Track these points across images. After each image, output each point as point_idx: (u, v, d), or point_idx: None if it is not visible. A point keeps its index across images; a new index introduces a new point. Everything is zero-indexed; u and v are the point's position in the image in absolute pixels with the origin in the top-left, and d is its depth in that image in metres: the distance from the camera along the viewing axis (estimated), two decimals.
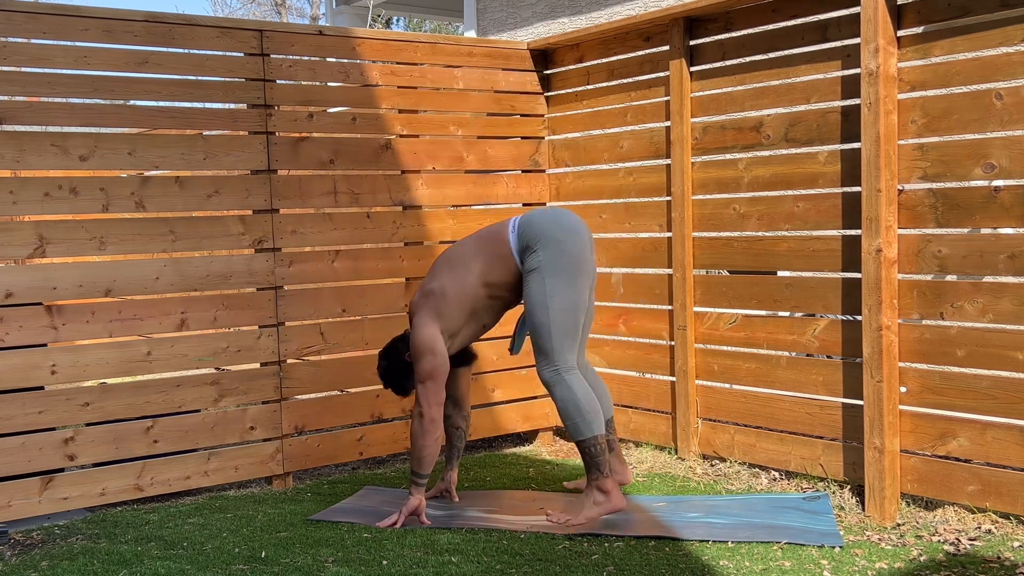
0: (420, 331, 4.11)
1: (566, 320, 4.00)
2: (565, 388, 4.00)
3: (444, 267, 4.24)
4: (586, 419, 4.00)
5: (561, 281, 3.99)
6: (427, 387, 4.06)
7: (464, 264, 4.17)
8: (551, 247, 4.01)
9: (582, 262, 4.05)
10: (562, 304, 3.99)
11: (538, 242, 4.02)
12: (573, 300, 4.02)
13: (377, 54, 5.05)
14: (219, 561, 3.62)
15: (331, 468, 5.20)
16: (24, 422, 4.18)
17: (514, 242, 4.10)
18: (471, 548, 3.70)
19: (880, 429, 4.02)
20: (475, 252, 4.19)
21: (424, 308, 4.15)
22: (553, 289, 3.98)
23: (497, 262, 4.13)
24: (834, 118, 4.26)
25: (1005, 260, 3.73)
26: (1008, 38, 3.73)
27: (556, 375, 4.02)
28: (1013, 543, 3.57)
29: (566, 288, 4.00)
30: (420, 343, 4.09)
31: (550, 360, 4.02)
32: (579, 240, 4.06)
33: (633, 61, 5.16)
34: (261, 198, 4.69)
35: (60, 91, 4.28)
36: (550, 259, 3.99)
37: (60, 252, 4.24)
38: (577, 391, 4.00)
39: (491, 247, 4.15)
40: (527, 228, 4.08)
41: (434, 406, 4.06)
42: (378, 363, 4.35)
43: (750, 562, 3.52)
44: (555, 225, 4.05)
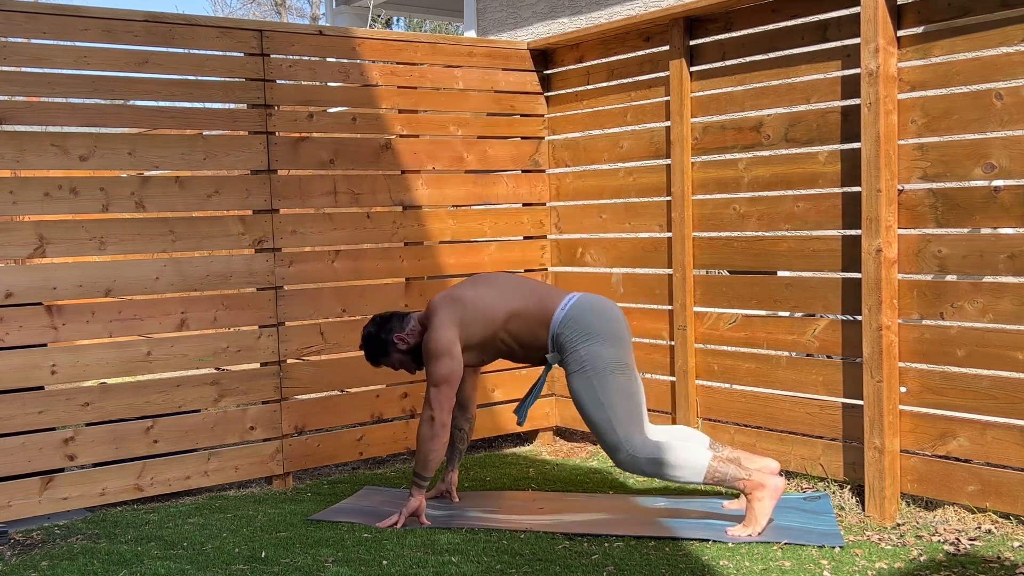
0: (441, 332, 4.02)
1: (625, 407, 3.88)
2: (648, 464, 3.85)
3: (485, 283, 4.18)
4: (687, 467, 3.81)
5: (612, 379, 3.89)
6: (441, 391, 4.01)
7: (506, 294, 4.10)
8: (599, 344, 3.91)
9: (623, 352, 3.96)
10: (620, 398, 3.88)
11: (584, 336, 3.92)
12: (627, 389, 3.91)
13: (377, 54, 5.05)
14: (219, 561, 3.62)
15: (331, 468, 5.20)
16: (24, 422, 4.18)
17: (556, 320, 3.99)
18: (471, 548, 3.70)
19: (880, 429, 4.02)
20: (522, 295, 4.11)
21: (448, 310, 4.06)
22: (603, 386, 3.88)
23: (532, 322, 4.04)
24: (834, 118, 4.26)
25: (1005, 260, 3.73)
26: (1008, 38, 3.73)
27: (634, 461, 3.86)
28: (1013, 543, 3.57)
29: (618, 382, 3.90)
30: (440, 345, 4.00)
31: (623, 451, 3.87)
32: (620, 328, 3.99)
33: (633, 61, 5.16)
34: (261, 198, 4.69)
35: (60, 91, 4.28)
36: (594, 356, 3.89)
37: (60, 252, 4.24)
38: (659, 456, 3.83)
39: (536, 305, 4.06)
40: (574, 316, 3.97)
41: (446, 411, 4.02)
42: (367, 325, 4.26)
43: (750, 562, 3.52)
44: (601, 320, 3.96)
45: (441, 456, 4.07)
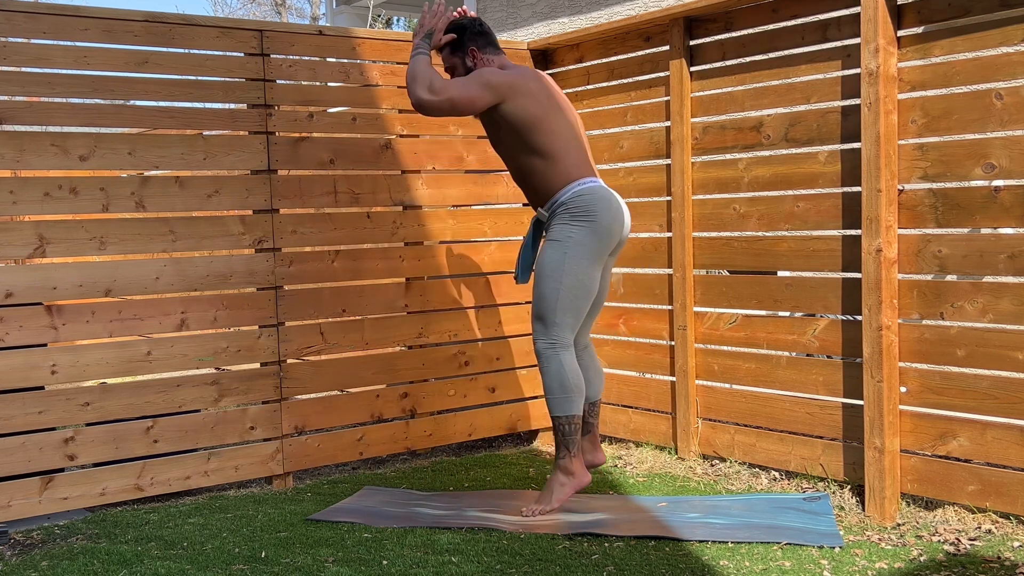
0: (498, 76, 4.06)
1: (575, 300, 4.02)
2: (556, 363, 4.03)
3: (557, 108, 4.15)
4: (568, 396, 4.03)
5: (582, 263, 4.00)
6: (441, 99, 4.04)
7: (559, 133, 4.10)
8: (588, 228, 4.00)
9: (603, 255, 4.07)
10: (575, 284, 4.01)
11: (585, 215, 4.00)
12: (587, 284, 4.04)
13: (377, 54, 5.05)
14: (219, 561, 3.62)
15: (331, 468, 5.20)
16: (24, 422, 4.18)
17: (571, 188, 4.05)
18: (471, 548, 3.70)
19: (880, 429, 4.02)
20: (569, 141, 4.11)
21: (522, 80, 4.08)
22: (571, 268, 3.99)
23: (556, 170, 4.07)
24: (834, 118, 4.26)
25: (1005, 260, 3.74)
26: (1008, 38, 3.73)
27: (551, 349, 4.04)
28: (1013, 543, 3.57)
29: (584, 271, 4.01)
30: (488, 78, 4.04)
31: (548, 332, 4.04)
32: (617, 228, 4.08)
33: (633, 61, 5.16)
34: (261, 198, 4.69)
35: (60, 91, 4.28)
36: (580, 238, 4.00)
37: (60, 252, 4.24)
38: (567, 368, 4.03)
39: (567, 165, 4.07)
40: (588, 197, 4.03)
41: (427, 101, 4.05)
42: (468, 18, 4.28)
43: (750, 562, 3.52)
44: (608, 215, 4.04)
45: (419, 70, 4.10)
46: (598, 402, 4.40)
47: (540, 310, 4.07)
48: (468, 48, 4.23)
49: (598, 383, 4.41)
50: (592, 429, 4.40)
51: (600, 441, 4.56)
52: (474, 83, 4.07)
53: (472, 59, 4.23)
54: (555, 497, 4.09)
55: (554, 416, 4.08)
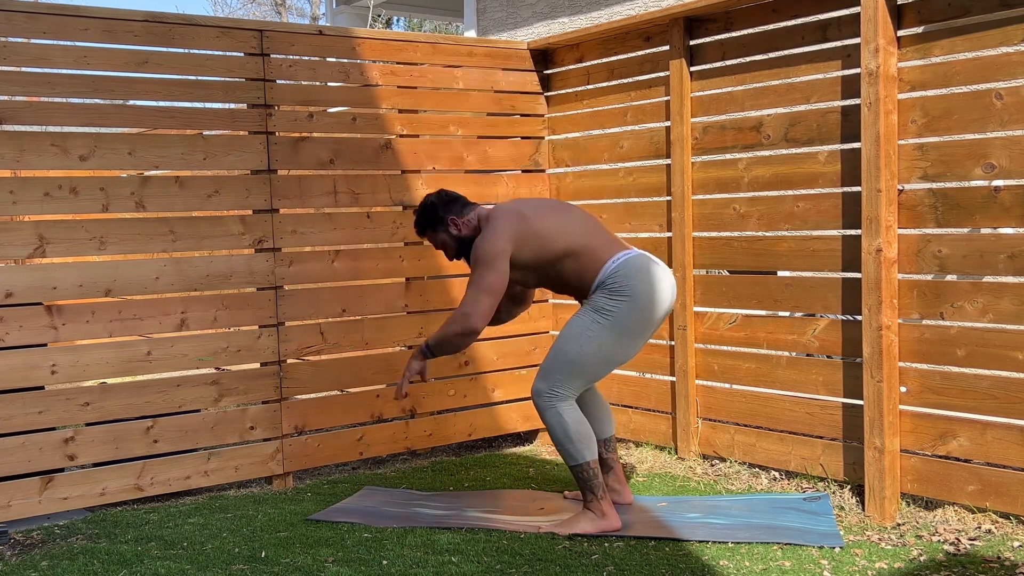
0: (496, 240, 3.92)
1: (590, 368, 3.91)
2: (555, 415, 3.91)
3: (554, 210, 4.10)
4: (576, 445, 3.90)
5: (611, 338, 3.88)
6: (481, 299, 3.90)
7: (570, 229, 4.01)
8: (629, 306, 3.87)
9: (645, 329, 3.94)
10: (598, 355, 3.89)
11: (622, 291, 3.88)
12: (611, 357, 3.92)
13: (377, 54, 5.05)
14: (219, 561, 3.62)
15: (331, 468, 5.20)
16: (24, 422, 4.18)
17: (608, 269, 3.93)
18: (471, 548, 3.70)
19: (880, 429, 4.02)
20: (584, 231, 4.02)
21: (510, 222, 3.98)
22: (599, 338, 3.87)
23: (585, 262, 3.98)
24: (834, 118, 4.26)
25: (1005, 260, 3.74)
26: (1008, 38, 3.73)
27: (548, 402, 3.92)
28: (1013, 543, 3.57)
29: (612, 344, 3.89)
30: (491, 253, 3.91)
31: (550, 387, 3.92)
32: (660, 308, 3.94)
33: (633, 61, 5.16)
34: (261, 198, 4.69)
35: (60, 91, 4.28)
36: (619, 314, 3.87)
37: (60, 252, 4.24)
38: (567, 418, 3.90)
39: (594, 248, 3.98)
40: (624, 271, 3.91)
41: (481, 318, 3.91)
42: (431, 194, 4.19)
43: (750, 562, 3.52)
44: (648, 287, 3.90)
45: (457, 350, 4.03)
46: (612, 438, 4.27)
47: (550, 365, 3.93)
48: (447, 220, 4.12)
49: (607, 420, 4.27)
50: (613, 465, 4.26)
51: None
52: (486, 269, 3.92)
53: (455, 227, 4.12)
54: (579, 527, 3.91)
55: (570, 466, 3.95)
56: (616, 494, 4.23)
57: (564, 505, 4.29)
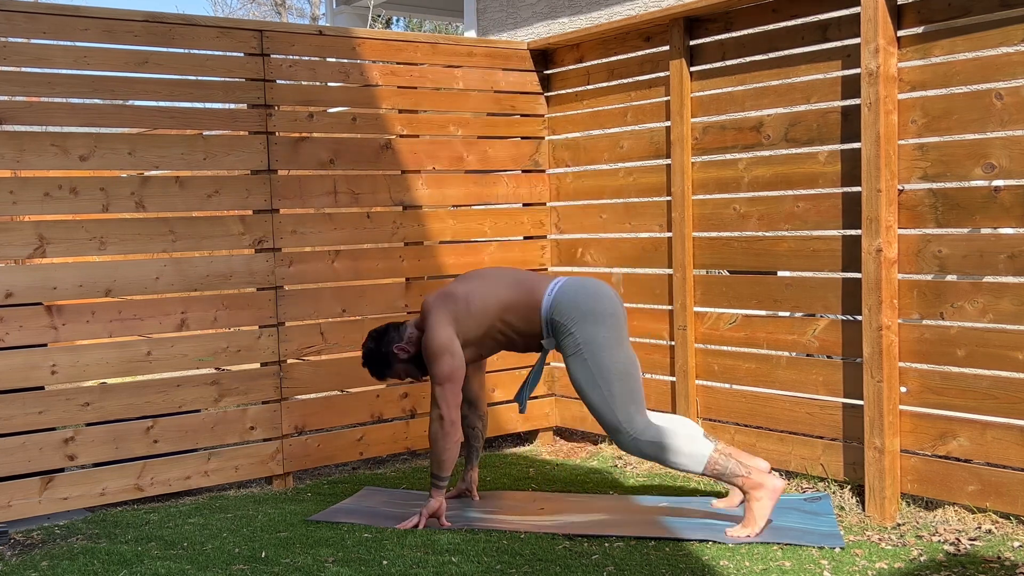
0: (438, 332, 4.03)
1: (624, 388, 3.88)
2: (650, 447, 3.84)
3: (475, 279, 4.19)
4: (688, 454, 3.81)
5: (606, 356, 3.89)
6: (446, 389, 4.01)
7: (496, 288, 4.11)
8: (587, 322, 3.91)
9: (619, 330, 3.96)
10: (616, 378, 3.88)
11: (575, 318, 3.92)
12: (624, 364, 3.91)
13: (377, 54, 5.05)
14: (219, 561, 3.62)
15: (331, 468, 5.20)
16: (24, 422, 4.18)
17: (546, 306, 4.00)
18: (471, 548, 3.70)
19: (880, 429, 4.02)
20: (509, 284, 4.12)
21: (442, 309, 4.08)
22: (601, 367, 3.88)
23: (524, 310, 4.05)
24: (834, 118, 4.26)
25: (1005, 260, 3.74)
26: (1008, 38, 3.73)
27: (636, 444, 3.86)
28: (1013, 543, 3.57)
29: (613, 361, 3.89)
30: (438, 344, 4.01)
31: (624, 433, 3.87)
32: (612, 304, 3.98)
33: (633, 61, 5.16)
34: (261, 198, 4.69)
35: (60, 91, 4.28)
36: (587, 337, 3.90)
37: (60, 252, 4.24)
38: (662, 440, 3.82)
39: (525, 293, 4.07)
40: (562, 302, 3.97)
41: (453, 408, 4.02)
42: (365, 342, 4.27)
43: (750, 562, 3.52)
44: (589, 299, 3.96)
45: (455, 455, 4.06)
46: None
47: (604, 420, 3.90)
48: (391, 352, 4.18)
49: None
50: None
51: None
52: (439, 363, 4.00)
53: (404, 352, 4.18)
54: (758, 517, 3.78)
55: (703, 473, 3.84)
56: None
57: (565, 505, 4.29)
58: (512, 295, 4.08)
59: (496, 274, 4.23)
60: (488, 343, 4.16)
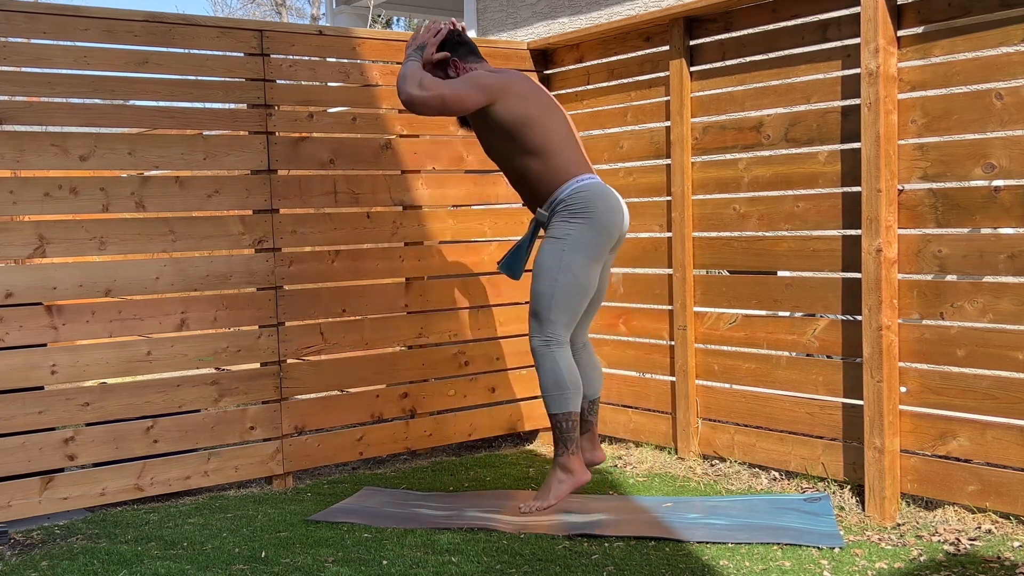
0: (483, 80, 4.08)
1: (571, 298, 4.02)
2: (551, 360, 4.04)
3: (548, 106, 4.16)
4: (564, 394, 4.03)
5: (578, 260, 3.99)
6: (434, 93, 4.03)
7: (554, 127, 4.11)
8: (587, 224, 3.99)
9: (602, 253, 4.07)
10: (572, 282, 4.00)
11: (582, 212, 4.00)
12: (584, 282, 4.03)
13: (377, 54, 5.05)
14: (219, 561, 3.63)
15: (331, 468, 5.20)
16: (24, 422, 4.18)
17: (569, 185, 4.05)
18: (471, 548, 3.70)
19: (880, 429, 4.02)
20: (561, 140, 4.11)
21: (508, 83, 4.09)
22: (568, 265, 3.98)
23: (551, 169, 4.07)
24: (834, 118, 4.26)
25: (1005, 260, 3.74)
26: (1008, 38, 3.73)
27: (546, 347, 4.05)
28: (1013, 543, 3.57)
29: (582, 268, 4.01)
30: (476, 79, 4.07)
31: (543, 330, 4.05)
32: (616, 231, 4.07)
33: (633, 61, 5.16)
34: (261, 198, 4.69)
35: (60, 91, 4.28)
36: (579, 235, 3.99)
37: (60, 252, 4.24)
38: (562, 365, 4.04)
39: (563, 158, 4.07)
40: (586, 193, 4.02)
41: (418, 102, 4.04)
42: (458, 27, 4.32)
43: (750, 562, 3.52)
44: (607, 211, 4.04)
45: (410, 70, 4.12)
46: (597, 400, 4.41)
47: (536, 307, 4.07)
48: (450, 60, 4.25)
49: (598, 381, 4.41)
50: (591, 427, 4.41)
51: (599, 440, 4.56)
52: (465, 83, 4.10)
53: (454, 69, 4.25)
54: (552, 494, 4.09)
55: (551, 414, 4.08)
56: (588, 452, 4.40)
57: (565, 505, 4.28)
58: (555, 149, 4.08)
59: (564, 121, 4.20)
60: (498, 152, 4.18)
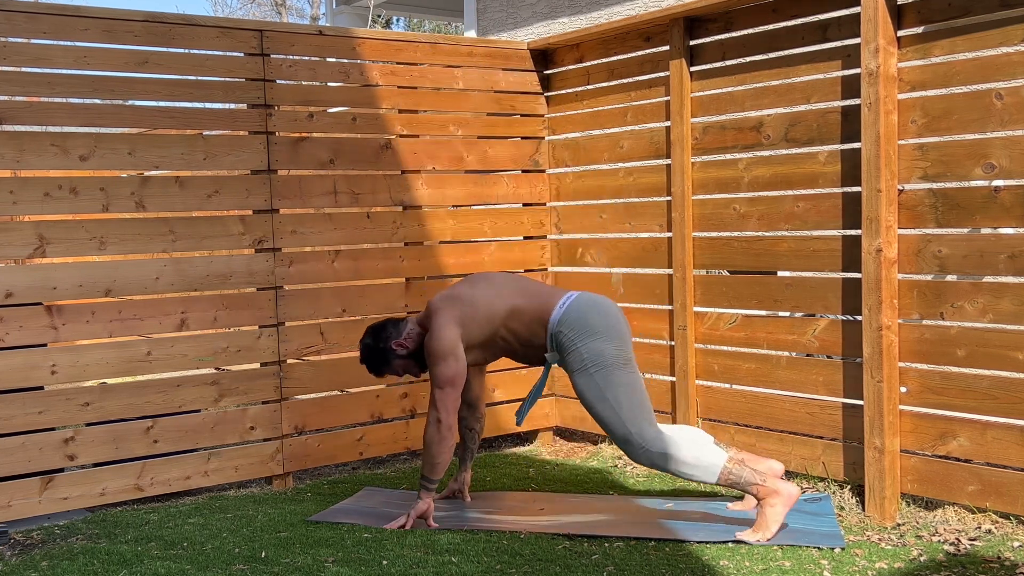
0: (443, 333, 4.01)
1: (631, 399, 3.87)
2: (661, 458, 3.82)
3: (483, 282, 4.18)
4: (701, 466, 3.79)
5: (617, 373, 3.88)
6: (446, 393, 3.99)
7: (504, 292, 4.10)
8: (595, 338, 3.90)
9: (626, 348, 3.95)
10: (625, 392, 3.87)
11: (583, 333, 3.91)
12: (630, 378, 3.90)
13: (377, 54, 5.05)
14: (219, 561, 3.62)
15: (331, 468, 5.20)
16: (24, 422, 4.18)
17: (554, 319, 3.98)
18: (471, 548, 3.70)
19: (880, 429, 4.02)
20: (519, 292, 4.11)
21: (448, 311, 4.05)
22: (608, 381, 3.87)
23: (531, 320, 4.04)
24: (834, 118, 4.26)
25: (1005, 260, 3.73)
26: (1008, 38, 3.73)
27: (647, 455, 3.84)
28: (1013, 543, 3.57)
29: (623, 377, 3.88)
30: (443, 346, 3.99)
31: (634, 445, 3.85)
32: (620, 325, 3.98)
33: (633, 61, 5.16)
34: (261, 198, 4.69)
35: (60, 91, 4.28)
36: (595, 351, 3.89)
37: (60, 252, 4.24)
38: (672, 451, 3.80)
39: (534, 303, 4.05)
40: (573, 315, 3.95)
41: (452, 413, 4.00)
42: (362, 338, 4.24)
43: (750, 562, 3.52)
44: (599, 316, 3.95)
45: (448, 459, 4.05)
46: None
47: (615, 434, 3.88)
48: (391, 347, 4.15)
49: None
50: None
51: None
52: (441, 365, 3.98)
53: (402, 348, 4.16)
54: (771, 522, 3.73)
55: (717, 483, 3.81)
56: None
57: (565, 505, 4.29)
58: (520, 303, 4.07)
59: (505, 280, 4.21)
60: (491, 349, 4.15)
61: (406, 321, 4.24)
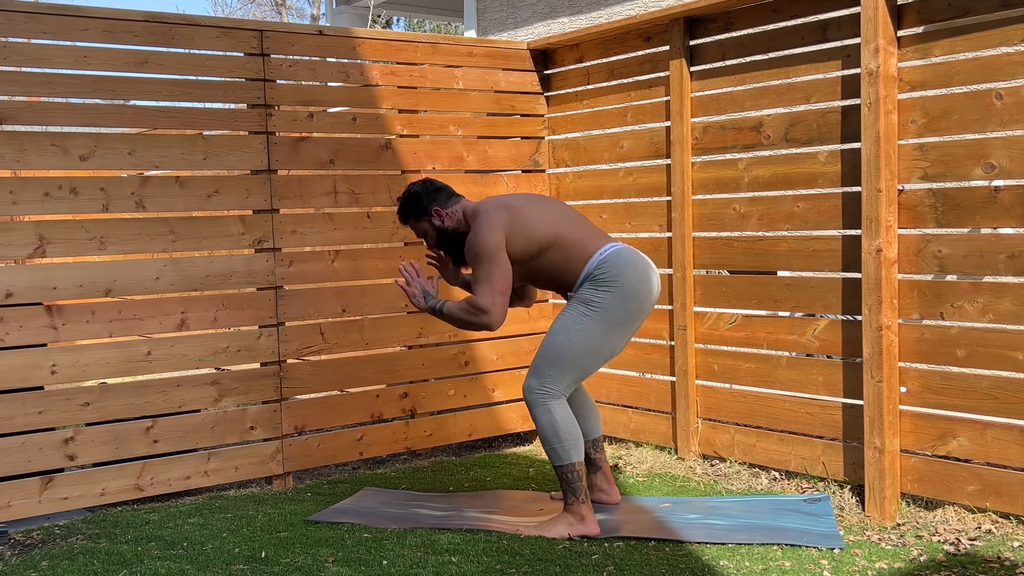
0: (490, 233, 3.88)
1: (580, 361, 3.89)
2: (545, 412, 3.90)
3: (538, 203, 4.10)
4: (564, 446, 3.89)
5: (600, 329, 3.87)
6: (499, 302, 3.89)
7: (556, 217, 4.01)
8: (617, 296, 3.87)
9: (632, 321, 3.93)
10: (587, 347, 3.88)
11: (610, 282, 3.87)
12: (599, 350, 3.91)
13: (377, 54, 5.05)
14: (219, 561, 3.62)
15: (331, 468, 5.20)
16: (24, 422, 4.18)
17: (594, 262, 3.92)
18: (471, 548, 3.70)
19: (880, 429, 4.02)
20: (570, 221, 4.02)
21: (500, 215, 3.94)
22: (586, 329, 3.86)
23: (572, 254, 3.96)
24: (834, 118, 4.26)
25: (1005, 260, 3.74)
26: (1008, 38, 3.73)
27: (540, 399, 3.91)
28: (1013, 543, 3.57)
29: (600, 336, 3.88)
30: (489, 243, 3.88)
31: (541, 384, 3.91)
32: (646, 300, 3.93)
33: (633, 61, 5.16)
34: (261, 198, 4.69)
35: (60, 91, 4.28)
36: (605, 304, 3.87)
37: (60, 252, 4.24)
38: (557, 416, 3.89)
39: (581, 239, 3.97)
40: (612, 263, 3.90)
41: (501, 322, 3.90)
42: (415, 184, 4.15)
43: (750, 562, 3.52)
44: (636, 279, 3.90)
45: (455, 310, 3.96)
46: (600, 438, 4.28)
47: (540, 361, 3.92)
48: (431, 210, 4.09)
49: (596, 419, 4.28)
50: (601, 465, 4.27)
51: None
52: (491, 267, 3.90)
53: (439, 218, 4.09)
54: (556, 532, 3.88)
55: (555, 466, 3.93)
56: (604, 493, 4.26)
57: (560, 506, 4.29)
58: (568, 234, 3.98)
59: (560, 207, 4.13)
60: (522, 270, 4.05)
61: (459, 199, 4.14)
